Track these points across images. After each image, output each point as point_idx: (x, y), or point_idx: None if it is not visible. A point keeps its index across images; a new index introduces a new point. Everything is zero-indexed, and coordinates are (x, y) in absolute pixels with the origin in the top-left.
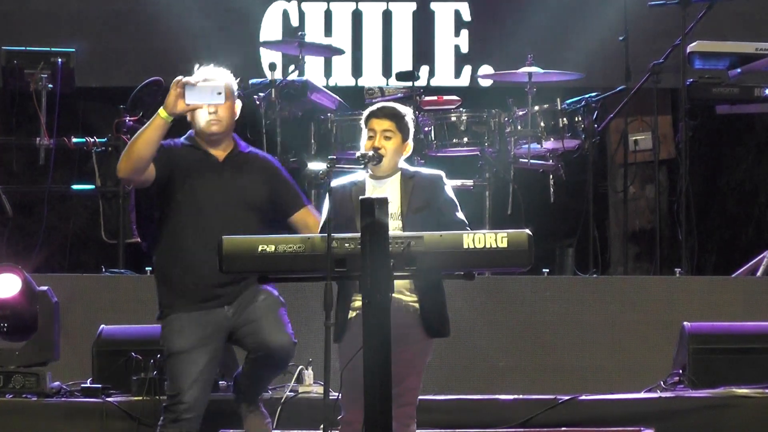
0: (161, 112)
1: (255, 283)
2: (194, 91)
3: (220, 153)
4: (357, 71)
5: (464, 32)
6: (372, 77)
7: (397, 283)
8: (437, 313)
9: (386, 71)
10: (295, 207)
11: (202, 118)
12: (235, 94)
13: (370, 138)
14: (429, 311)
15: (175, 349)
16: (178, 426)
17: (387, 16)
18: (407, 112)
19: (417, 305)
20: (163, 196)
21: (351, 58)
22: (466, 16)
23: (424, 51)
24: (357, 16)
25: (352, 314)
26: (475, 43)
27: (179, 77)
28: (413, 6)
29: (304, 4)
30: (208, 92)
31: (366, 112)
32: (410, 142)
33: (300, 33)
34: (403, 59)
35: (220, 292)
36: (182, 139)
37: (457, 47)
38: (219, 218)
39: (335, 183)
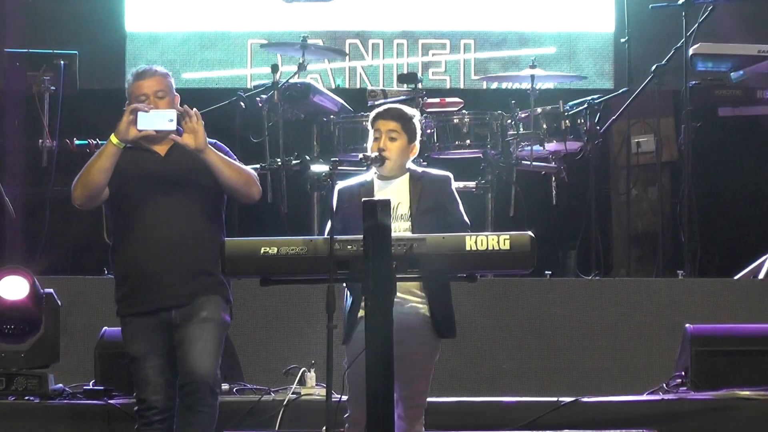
0: (113, 138)
1: (205, 293)
2: (146, 117)
3: (162, 148)
4: None
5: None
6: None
7: (405, 283)
8: (445, 313)
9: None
10: None
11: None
12: (174, 89)
13: (375, 139)
14: (437, 312)
15: (132, 354)
16: (153, 429)
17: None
18: (414, 114)
19: (425, 306)
20: (112, 202)
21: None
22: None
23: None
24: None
25: (362, 313)
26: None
27: (133, 104)
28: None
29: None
30: (160, 119)
31: (373, 113)
32: (417, 144)
33: (303, 36)
34: None
35: (167, 294)
36: None
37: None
38: (165, 216)
39: (342, 185)
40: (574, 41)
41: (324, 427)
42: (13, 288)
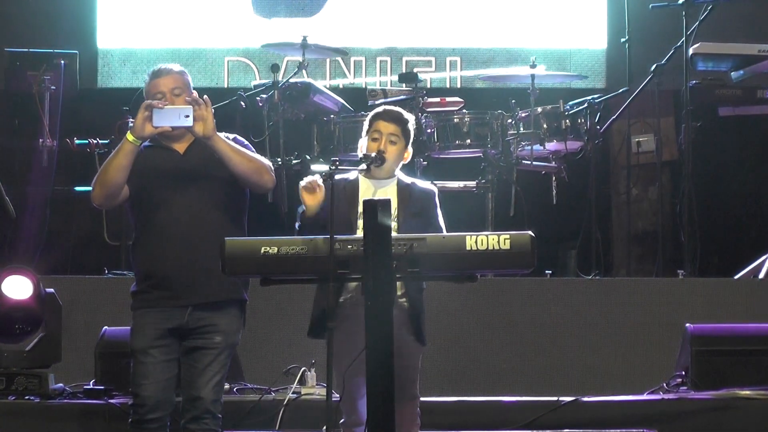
0: (129, 136)
1: (221, 296)
2: (162, 114)
3: (181, 146)
4: None
5: None
6: None
7: None
8: (421, 320)
9: None
10: None
11: None
12: (191, 86)
13: (374, 140)
14: (415, 316)
15: (134, 347)
16: (144, 427)
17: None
18: (411, 118)
19: (407, 305)
20: (133, 200)
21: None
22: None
23: None
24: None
25: (346, 295)
26: None
27: (148, 101)
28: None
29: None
30: (176, 115)
31: (372, 113)
32: (410, 149)
33: (303, 36)
34: None
35: (184, 292)
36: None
37: None
38: (185, 214)
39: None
40: (565, 58)
41: (324, 427)
42: (17, 288)
